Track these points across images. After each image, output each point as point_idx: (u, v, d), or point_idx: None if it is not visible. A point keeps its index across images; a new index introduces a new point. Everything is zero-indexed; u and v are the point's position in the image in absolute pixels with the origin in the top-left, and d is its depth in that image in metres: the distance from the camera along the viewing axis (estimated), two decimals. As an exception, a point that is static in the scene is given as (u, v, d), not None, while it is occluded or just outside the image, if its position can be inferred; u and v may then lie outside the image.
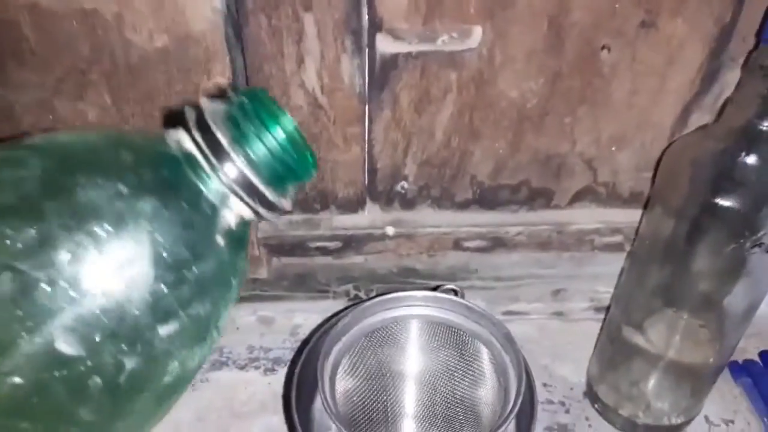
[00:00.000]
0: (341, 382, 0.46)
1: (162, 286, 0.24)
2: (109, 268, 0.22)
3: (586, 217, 0.57)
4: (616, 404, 0.56)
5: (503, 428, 0.39)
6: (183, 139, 0.26)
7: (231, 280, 0.27)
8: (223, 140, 0.25)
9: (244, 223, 0.27)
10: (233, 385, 0.60)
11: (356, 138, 0.51)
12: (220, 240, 0.26)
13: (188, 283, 0.24)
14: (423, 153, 0.53)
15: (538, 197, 0.57)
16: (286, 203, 0.27)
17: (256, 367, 0.62)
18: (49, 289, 0.21)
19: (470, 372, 0.48)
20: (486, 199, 0.56)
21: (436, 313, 0.48)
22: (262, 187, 0.26)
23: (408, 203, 0.56)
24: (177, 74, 0.47)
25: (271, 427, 0.57)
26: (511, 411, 0.41)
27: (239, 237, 0.27)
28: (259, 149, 0.25)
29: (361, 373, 0.48)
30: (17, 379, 0.21)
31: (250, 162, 0.25)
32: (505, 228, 0.56)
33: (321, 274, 0.59)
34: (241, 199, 0.26)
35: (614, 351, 0.55)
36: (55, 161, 0.24)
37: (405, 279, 0.61)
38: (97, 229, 0.23)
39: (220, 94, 0.27)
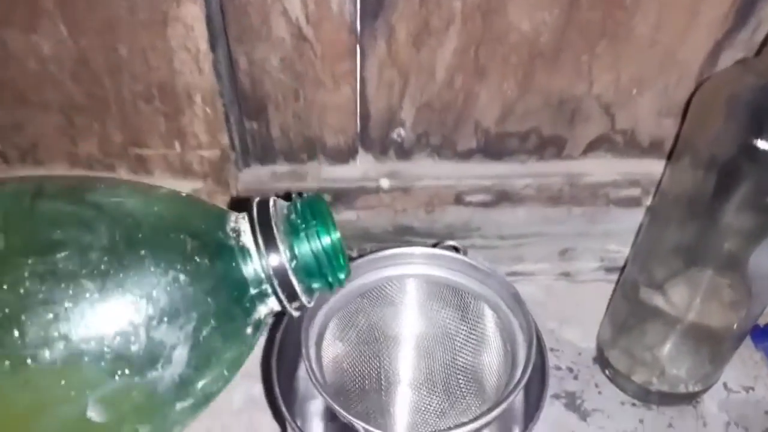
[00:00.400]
0: (329, 348, 0.41)
1: (192, 370, 0.25)
2: (152, 350, 0.24)
3: (601, 168, 0.52)
4: (628, 370, 0.52)
5: (511, 399, 0.35)
6: (243, 230, 0.27)
7: (245, 358, 0.29)
8: (277, 235, 0.26)
9: (269, 314, 0.28)
10: None
11: (346, 76, 0.45)
12: (249, 330, 0.27)
13: (213, 367, 0.26)
14: (422, 95, 0.47)
15: (549, 146, 0.51)
16: (308, 302, 0.28)
17: None
18: (95, 362, 0.23)
19: (473, 337, 0.44)
20: (491, 149, 0.51)
21: (435, 272, 0.44)
22: (297, 286, 0.27)
23: (405, 153, 0.51)
24: (141, 0, 0.41)
25: (254, 397, 0.53)
26: (520, 380, 0.36)
27: (261, 325, 0.28)
28: (304, 250, 0.27)
29: (352, 338, 0.43)
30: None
31: (293, 258, 0.26)
32: (512, 180, 0.51)
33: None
34: (278, 295, 0.27)
35: (629, 313, 0.51)
36: (123, 234, 0.24)
37: (400, 238, 0.56)
38: (151, 311, 0.24)
39: (285, 197, 0.29)
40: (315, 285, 0.28)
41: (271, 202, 0.28)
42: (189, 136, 0.48)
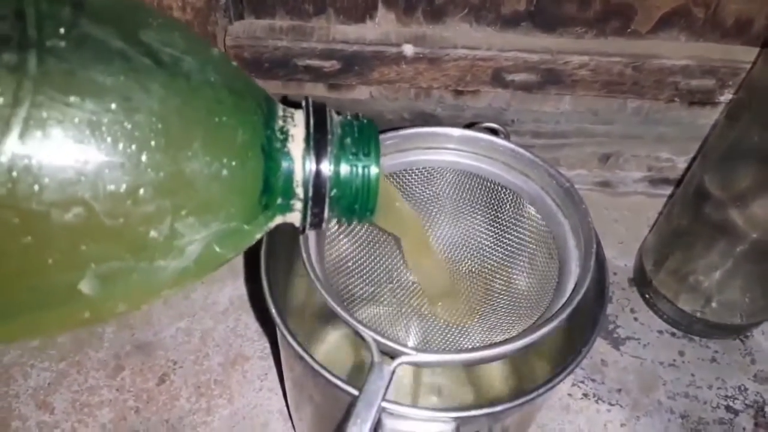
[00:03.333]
0: (332, 245, 0.33)
1: (194, 265, 0.22)
2: (171, 240, 0.21)
3: (673, 50, 0.43)
4: (673, 294, 0.45)
5: (559, 320, 0.27)
6: (292, 135, 0.24)
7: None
8: (329, 156, 0.24)
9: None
10: None
11: None
12: (257, 236, 0.24)
13: (214, 263, 0.23)
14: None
15: (614, 17, 0.42)
16: (326, 225, 0.26)
17: None
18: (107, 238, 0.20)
19: (508, 239, 0.36)
20: (544, 14, 0.41)
21: (466, 160, 0.35)
22: (327, 211, 0.25)
23: (436, 12, 0.41)
24: None
25: (243, 297, 0.47)
26: (572, 296, 0.28)
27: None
28: (346, 179, 0.24)
29: (360, 235, 0.35)
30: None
31: (336, 173, 0.24)
32: (565, 57, 0.42)
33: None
34: (306, 214, 0.24)
35: (686, 227, 0.43)
36: (175, 104, 0.21)
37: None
38: (183, 202, 0.21)
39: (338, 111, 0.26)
40: (338, 212, 0.25)
41: (329, 115, 0.25)
42: (166, -28, 0.38)
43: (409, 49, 0.41)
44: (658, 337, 0.47)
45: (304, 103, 0.25)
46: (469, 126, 0.36)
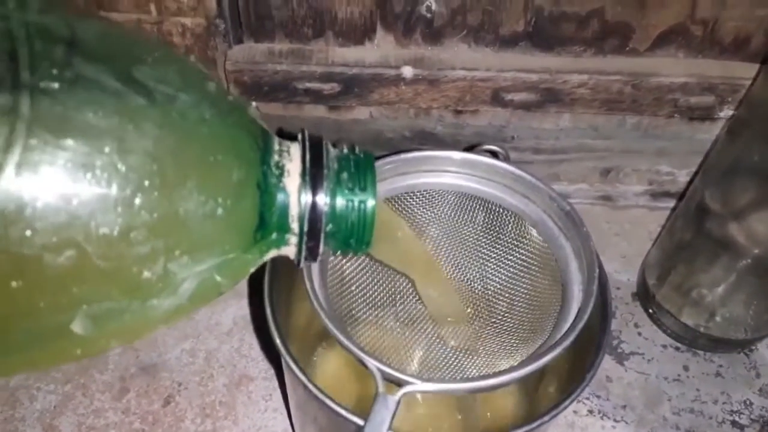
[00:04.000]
0: (335, 269, 0.33)
1: (188, 303, 0.22)
2: (164, 280, 0.21)
3: (671, 67, 0.43)
4: (676, 309, 0.45)
5: (565, 345, 0.27)
6: (288, 170, 0.24)
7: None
8: (325, 190, 0.24)
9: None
10: None
11: None
12: (251, 270, 0.24)
13: (208, 298, 0.23)
14: (462, -46, 0.37)
15: (612, 36, 0.42)
16: (319, 257, 0.25)
17: None
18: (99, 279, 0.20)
19: (510, 262, 0.36)
20: (542, 34, 0.41)
21: (468, 183, 0.35)
22: (322, 245, 0.25)
23: (434, 34, 0.41)
24: None
25: (247, 317, 0.47)
26: (576, 321, 0.28)
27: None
28: (342, 214, 0.24)
29: (363, 259, 0.35)
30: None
31: (332, 207, 0.24)
32: (564, 76, 0.42)
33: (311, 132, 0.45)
34: (300, 249, 0.24)
35: (688, 243, 0.43)
36: (171, 143, 0.21)
37: (419, 147, 0.47)
38: (176, 242, 0.21)
39: (334, 144, 0.26)
40: (334, 246, 0.25)
41: (325, 149, 0.25)
42: (167, -2, 0.38)
43: (408, 71, 0.41)
44: (663, 351, 0.47)
45: (300, 137, 0.25)
46: (470, 148, 0.36)
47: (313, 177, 0.23)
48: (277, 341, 0.29)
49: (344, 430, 0.28)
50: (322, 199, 0.24)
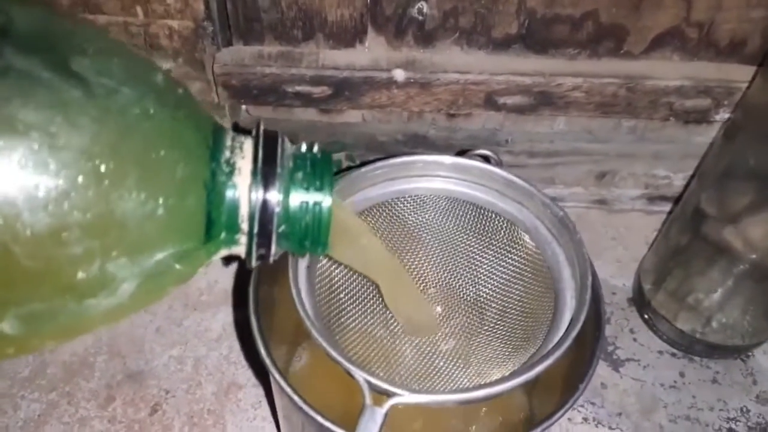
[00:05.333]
0: (323, 277, 0.32)
1: (130, 301, 0.21)
2: (101, 281, 0.20)
3: (666, 70, 0.42)
4: (672, 315, 0.45)
5: (558, 355, 0.27)
6: (239, 168, 0.22)
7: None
8: (276, 191, 0.23)
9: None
10: None
11: None
12: (200, 270, 0.23)
13: (151, 299, 0.22)
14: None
15: (606, 38, 0.41)
16: (273, 259, 0.24)
17: None
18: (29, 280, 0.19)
19: (502, 269, 0.35)
20: (536, 37, 0.41)
21: (459, 188, 0.35)
22: (274, 245, 0.24)
23: (426, 37, 0.41)
24: None
25: (236, 324, 0.46)
26: (569, 329, 0.28)
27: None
28: (296, 214, 0.23)
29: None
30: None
31: (284, 207, 0.23)
32: (558, 79, 0.41)
33: (302, 136, 0.44)
34: (251, 248, 0.23)
35: (684, 248, 0.43)
36: (106, 139, 0.19)
37: (412, 150, 0.47)
38: (114, 243, 0.20)
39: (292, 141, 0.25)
40: (287, 246, 0.24)
41: (280, 146, 0.24)
42: (154, 0, 0.37)
43: (399, 74, 0.41)
44: (658, 357, 0.46)
45: (254, 132, 0.24)
46: (462, 153, 0.35)
47: (264, 175, 0.22)
48: (263, 355, 0.28)
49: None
50: (274, 199, 0.22)
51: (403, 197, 0.35)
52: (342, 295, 0.34)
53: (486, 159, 0.35)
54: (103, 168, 0.18)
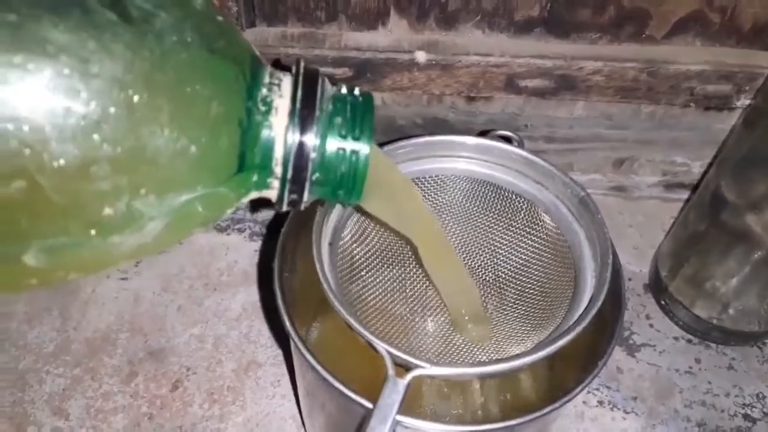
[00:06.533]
0: (345, 253, 0.33)
1: (152, 240, 0.20)
2: (127, 218, 0.19)
3: (688, 55, 0.42)
4: (689, 301, 0.45)
5: (576, 332, 0.27)
6: (276, 106, 0.21)
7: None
8: (315, 131, 0.21)
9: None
10: (211, 251, 0.51)
11: None
12: (228, 212, 0.22)
13: (175, 238, 0.21)
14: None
15: (628, 23, 0.41)
16: (305, 205, 0.23)
17: (240, 230, 0.52)
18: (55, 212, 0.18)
19: (523, 249, 0.35)
20: (558, 20, 0.41)
21: (481, 168, 0.35)
22: (307, 191, 0.22)
23: (448, 19, 0.41)
24: None
25: (256, 303, 0.47)
26: (589, 307, 0.28)
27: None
28: (333, 160, 0.22)
29: (374, 243, 0.35)
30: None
31: (321, 154, 0.22)
32: (579, 63, 0.41)
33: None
34: (283, 192, 0.22)
35: (703, 233, 0.43)
36: (140, 68, 0.18)
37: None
38: (142, 181, 0.19)
39: (333, 82, 0.23)
40: (320, 194, 0.23)
41: (320, 86, 0.22)
42: (178, -19, 0.38)
43: (421, 56, 0.41)
44: (674, 344, 0.46)
45: (293, 69, 0.22)
46: (483, 134, 0.35)
47: (302, 119, 0.21)
48: (287, 325, 0.29)
49: (353, 415, 0.28)
50: (311, 144, 0.21)
51: (425, 177, 0.35)
52: (363, 273, 0.34)
53: (507, 140, 0.35)
54: (136, 99, 0.17)
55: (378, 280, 0.35)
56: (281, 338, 0.45)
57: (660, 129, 0.48)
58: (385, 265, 0.35)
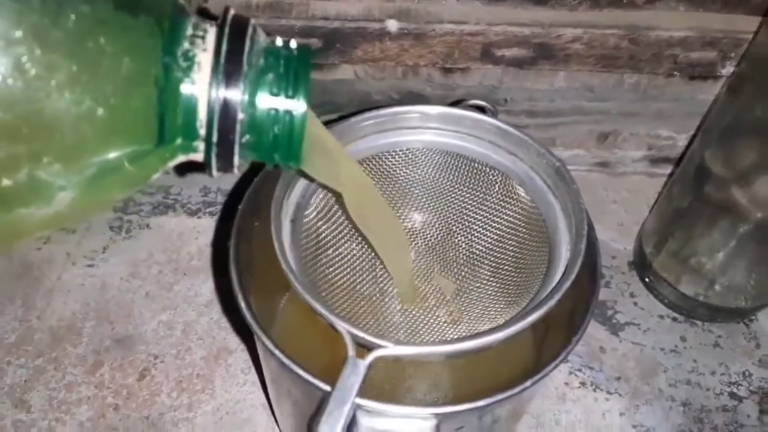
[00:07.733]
0: (310, 232, 0.31)
1: (67, 209, 0.19)
2: (33, 188, 0.17)
3: (671, 21, 0.40)
4: (674, 278, 0.43)
5: (548, 307, 0.25)
6: (198, 62, 0.19)
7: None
8: (241, 87, 0.19)
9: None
10: (181, 234, 0.49)
11: None
12: (152, 177, 0.20)
13: (93, 209, 0.20)
14: None
15: (608, -13, 0.39)
16: (237, 170, 0.21)
17: (212, 214, 0.50)
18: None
19: (496, 223, 0.34)
20: (534, -16, 0.39)
21: (452, 140, 0.33)
22: (237, 156, 0.20)
23: (420, -15, 0.38)
24: None
25: (220, 288, 0.45)
26: (562, 280, 0.26)
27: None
28: (263, 120, 0.20)
29: (341, 220, 0.33)
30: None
31: (250, 114, 0.20)
32: (558, 30, 0.39)
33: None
34: (209, 156, 0.20)
35: (687, 207, 0.41)
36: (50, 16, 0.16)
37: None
38: (44, 146, 0.17)
39: (269, 34, 0.22)
40: (254, 157, 0.21)
41: (249, 38, 0.20)
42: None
43: (393, 25, 0.39)
44: (659, 322, 0.45)
45: (220, 19, 0.20)
46: (455, 104, 0.34)
47: (226, 74, 0.19)
48: (244, 310, 0.27)
49: (317, 400, 0.26)
50: (237, 103, 0.19)
51: (394, 151, 0.34)
52: (330, 252, 0.33)
53: (481, 110, 0.34)
54: (28, 59, 0.15)
55: (346, 259, 0.33)
56: (245, 329, 0.43)
57: (644, 100, 0.46)
58: (354, 243, 0.33)
